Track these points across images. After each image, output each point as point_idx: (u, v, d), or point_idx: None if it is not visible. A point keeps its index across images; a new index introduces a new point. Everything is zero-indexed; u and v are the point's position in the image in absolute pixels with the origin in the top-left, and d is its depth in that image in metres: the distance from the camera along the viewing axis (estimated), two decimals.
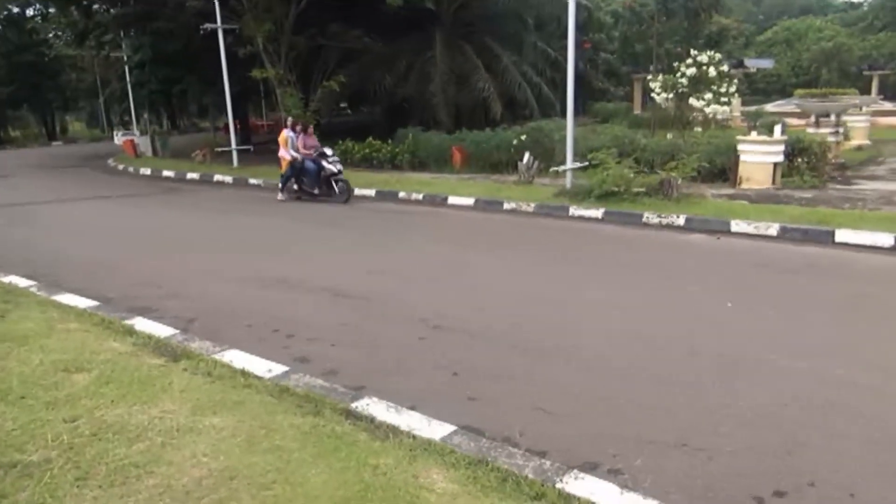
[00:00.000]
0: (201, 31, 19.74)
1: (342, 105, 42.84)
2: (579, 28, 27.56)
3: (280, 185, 13.90)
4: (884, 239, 8.24)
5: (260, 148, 25.18)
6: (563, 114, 12.74)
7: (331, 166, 13.18)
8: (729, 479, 3.34)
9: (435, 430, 3.77)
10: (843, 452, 3.57)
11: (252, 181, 17.22)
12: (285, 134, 13.65)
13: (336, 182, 13.25)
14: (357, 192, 14.20)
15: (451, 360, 4.93)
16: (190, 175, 19.25)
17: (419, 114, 22.75)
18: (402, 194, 13.50)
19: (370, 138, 18.53)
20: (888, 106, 30.99)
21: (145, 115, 40.29)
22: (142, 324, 5.70)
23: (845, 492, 3.22)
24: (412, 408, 4.09)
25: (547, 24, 25.12)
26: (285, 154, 13.58)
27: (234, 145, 20.73)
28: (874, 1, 47.20)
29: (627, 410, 4.11)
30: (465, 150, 17.15)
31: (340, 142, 19.19)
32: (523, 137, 15.75)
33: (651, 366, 4.77)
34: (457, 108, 22.46)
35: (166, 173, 20.14)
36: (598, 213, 10.75)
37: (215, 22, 19.11)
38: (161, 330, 5.53)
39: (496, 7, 23.35)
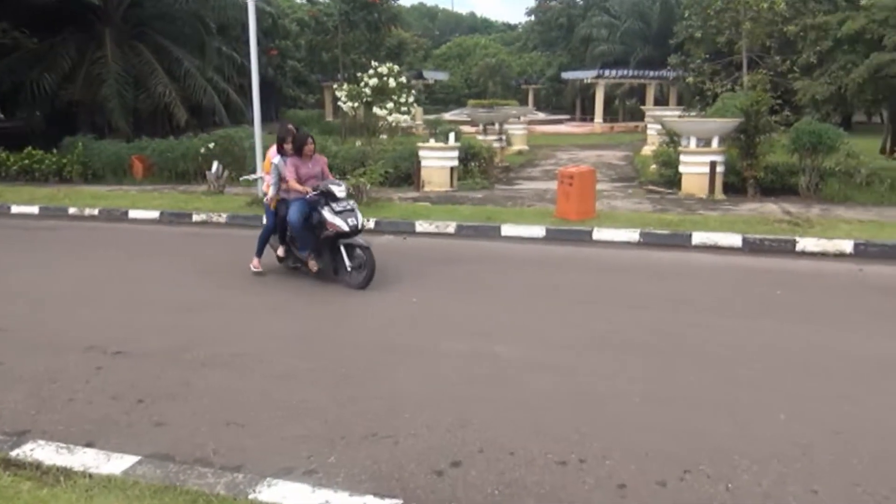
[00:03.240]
0: None
1: None
2: (265, 34, 27.33)
3: (257, 247, 7.90)
4: (537, 231, 9.64)
5: None
6: (254, 121, 12.55)
7: (338, 220, 6.98)
8: (413, 459, 3.66)
9: (115, 464, 3.50)
10: (503, 420, 4.12)
11: None
12: (269, 157, 7.98)
13: (349, 249, 7.16)
14: (15, 209, 12.37)
15: (135, 387, 4.61)
16: None
17: (91, 120, 20.54)
18: (72, 210, 12.06)
19: (29, 148, 16.22)
20: (541, 116, 36.26)
21: None
22: None
23: (507, 452, 3.73)
24: (88, 445, 3.75)
25: (231, 28, 24.36)
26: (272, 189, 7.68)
27: None
28: (525, 24, 54.45)
29: (319, 411, 4.24)
30: (147, 159, 15.95)
31: None
32: (211, 145, 15.14)
33: (331, 365, 5.01)
34: (136, 115, 20.70)
35: None
36: None
37: None
38: None
39: (172, 8, 22.01)
